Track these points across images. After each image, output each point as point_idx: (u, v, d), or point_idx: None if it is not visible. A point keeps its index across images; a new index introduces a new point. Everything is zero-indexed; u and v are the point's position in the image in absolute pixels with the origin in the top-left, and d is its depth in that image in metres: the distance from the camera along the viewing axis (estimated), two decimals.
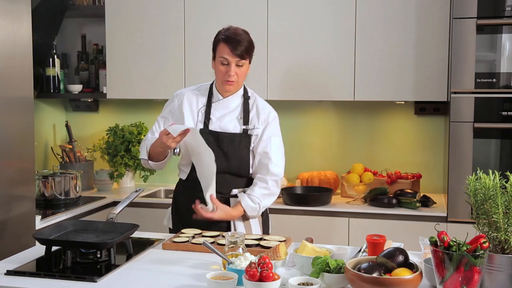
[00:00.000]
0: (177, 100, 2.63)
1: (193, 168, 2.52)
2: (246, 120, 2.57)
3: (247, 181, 2.60)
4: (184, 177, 2.60)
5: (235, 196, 2.56)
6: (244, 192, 2.56)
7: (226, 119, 2.57)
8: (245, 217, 2.57)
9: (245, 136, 2.55)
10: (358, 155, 3.83)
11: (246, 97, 2.62)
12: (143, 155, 2.57)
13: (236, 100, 2.60)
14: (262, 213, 2.63)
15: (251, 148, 2.56)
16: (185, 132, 2.31)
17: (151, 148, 2.52)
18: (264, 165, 2.55)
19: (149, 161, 2.55)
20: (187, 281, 1.83)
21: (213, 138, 2.53)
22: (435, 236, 1.57)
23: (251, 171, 2.59)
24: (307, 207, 3.37)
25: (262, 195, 2.53)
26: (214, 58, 2.55)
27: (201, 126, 2.56)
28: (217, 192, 2.47)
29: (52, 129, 4.18)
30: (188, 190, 2.56)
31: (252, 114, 2.59)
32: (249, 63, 2.56)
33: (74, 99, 4.19)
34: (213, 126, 2.56)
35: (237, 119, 2.58)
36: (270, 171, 2.54)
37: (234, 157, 2.53)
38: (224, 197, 2.53)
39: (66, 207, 3.34)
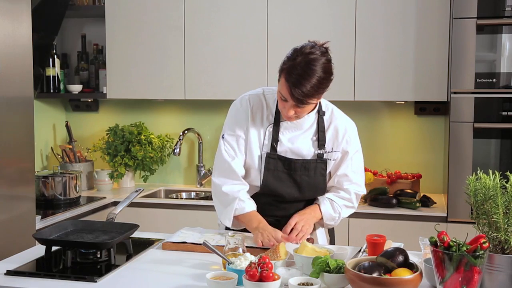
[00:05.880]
0: (244, 112, 2.25)
1: (259, 193, 2.30)
2: (321, 142, 2.23)
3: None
4: (250, 194, 2.32)
5: None
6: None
7: (298, 141, 2.23)
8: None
9: (320, 162, 2.23)
10: None
11: (321, 113, 2.25)
12: (228, 222, 2.24)
13: (310, 118, 2.22)
14: None
15: (327, 173, 2.27)
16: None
17: (238, 218, 2.23)
18: (343, 186, 2.28)
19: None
20: (187, 281, 1.83)
21: (283, 165, 2.23)
22: (435, 236, 1.57)
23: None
24: None
25: (343, 205, 2.27)
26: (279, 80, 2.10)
27: (267, 149, 2.23)
28: (283, 216, 2.27)
29: (52, 129, 4.18)
30: None
31: (329, 135, 2.24)
32: (319, 98, 2.12)
33: (74, 99, 4.19)
34: (283, 149, 2.22)
35: (311, 140, 2.24)
36: (350, 188, 2.28)
37: (308, 187, 2.25)
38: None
39: (66, 207, 3.34)
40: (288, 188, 2.25)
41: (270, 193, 2.29)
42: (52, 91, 3.96)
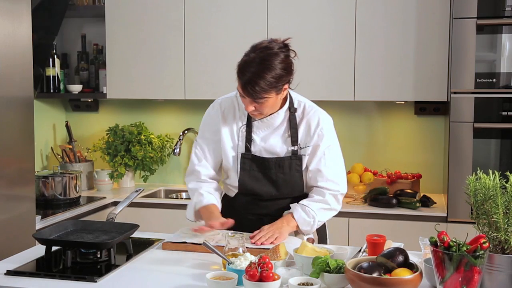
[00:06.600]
0: (215, 116, 2.31)
1: (238, 193, 2.34)
2: (294, 138, 2.24)
3: (303, 198, 2.30)
4: (232, 194, 2.38)
5: None
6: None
7: (271, 139, 2.25)
8: (296, 232, 2.27)
9: (295, 159, 2.23)
10: (358, 155, 3.83)
11: (292, 110, 2.25)
12: (190, 216, 2.34)
13: (279, 116, 2.24)
14: None
15: (303, 169, 2.26)
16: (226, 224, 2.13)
17: (199, 211, 2.29)
18: (317, 183, 2.26)
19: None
20: (187, 281, 1.83)
21: (258, 164, 2.25)
22: (435, 236, 1.57)
23: (305, 190, 2.32)
24: None
25: (318, 209, 2.23)
26: None
27: (242, 150, 2.26)
28: (266, 215, 2.30)
29: (52, 129, 4.18)
30: (237, 208, 2.36)
31: (301, 131, 2.25)
32: (279, 93, 2.12)
33: (74, 99, 4.19)
34: (257, 148, 2.25)
35: (284, 137, 2.25)
36: (325, 188, 2.25)
37: (284, 184, 2.26)
38: (275, 219, 2.25)
39: (66, 207, 3.34)
40: (265, 186, 2.27)
41: (248, 193, 2.32)
42: (52, 91, 3.96)
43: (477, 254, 1.49)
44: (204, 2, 3.64)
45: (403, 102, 3.71)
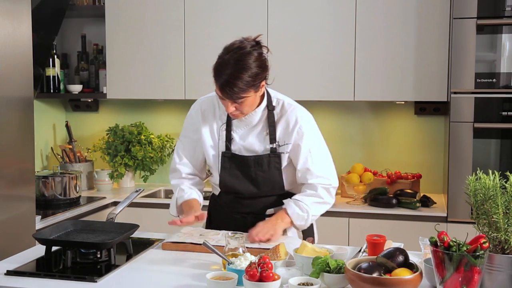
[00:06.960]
0: (195, 115, 2.37)
1: (221, 192, 2.38)
2: (272, 136, 2.25)
3: (285, 196, 2.32)
4: (217, 193, 2.43)
5: (271, 215, 2.28)
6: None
7: (250, 137, 2.27)
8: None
9: (274, 156, 2.25)
10: (358, 155, 3.83)
11: (270, 108, 2.26)
12: (173, 211, 2.37)
13: (258, 113, 2.25)
14: None
15: (283, 167, 2.27)
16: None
17: (181, 206, 2.33)
18: (308, 180, 2.27)
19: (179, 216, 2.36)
20: (187, 281, 1.83)
21: (237, 162, 2.28)
22: (435, 236, 1.57)
23: (287, 188, 2.33)
24: None
25: (312, 203, 2.25)
26: None
27: (223, 148, 2.29)
28: (250, 213, 2.32)
29: (52, 129, 4.18)
30: (222, 207, 2.41)
31: (279, 129, 2.25)
32: (257, 91, 2.14)
33: (74, 99, 4.19)
34: (236, 147, 2.28)
35: (262, 135, 2.27)
36: (316, 184, 2.26)
37: (264, 182, 2.28)
38: (258, 217, 2.28)
39: (66, 207, 3.34)
40: (245, 184, 2.29)
41: (229, 191, 2.35)
42: (52, 91, 3.96)
43: (477, 254, 1.49)
44: (204, 2, 3.65)
45: (403, 102, 3.71)
